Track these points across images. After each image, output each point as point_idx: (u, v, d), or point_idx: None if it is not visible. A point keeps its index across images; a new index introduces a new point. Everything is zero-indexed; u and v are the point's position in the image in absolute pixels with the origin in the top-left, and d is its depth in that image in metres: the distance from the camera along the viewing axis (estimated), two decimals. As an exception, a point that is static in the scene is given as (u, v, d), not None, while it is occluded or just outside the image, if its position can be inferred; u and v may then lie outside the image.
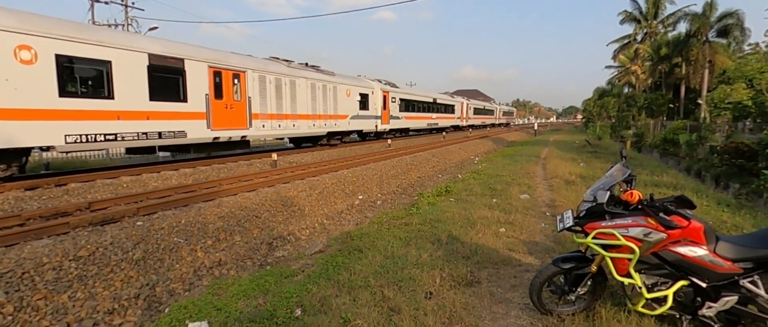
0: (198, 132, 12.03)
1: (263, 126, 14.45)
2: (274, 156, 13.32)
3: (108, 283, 4.91)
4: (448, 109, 36.77)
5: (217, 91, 12.58)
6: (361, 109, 21.16)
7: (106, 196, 8.24)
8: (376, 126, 23.10)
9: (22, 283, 4.37)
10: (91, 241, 5.42)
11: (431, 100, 32.21)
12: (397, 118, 25.90)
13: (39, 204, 7.62)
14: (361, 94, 21.13)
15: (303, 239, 7.50)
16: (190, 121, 11.77)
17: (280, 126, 15.23)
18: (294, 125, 16.14)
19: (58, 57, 8.74)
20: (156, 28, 25.19)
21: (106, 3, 23.89)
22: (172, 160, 14.17)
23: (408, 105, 27.78)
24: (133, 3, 24.77)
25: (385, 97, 23.85)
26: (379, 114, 23.24)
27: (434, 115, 32.88)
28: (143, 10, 50.12)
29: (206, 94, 12.21)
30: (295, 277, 5.08)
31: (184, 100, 11.57)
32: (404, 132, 29.09)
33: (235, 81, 13.19)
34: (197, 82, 11.91)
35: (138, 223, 6.41)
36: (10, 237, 5.52)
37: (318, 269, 5.16)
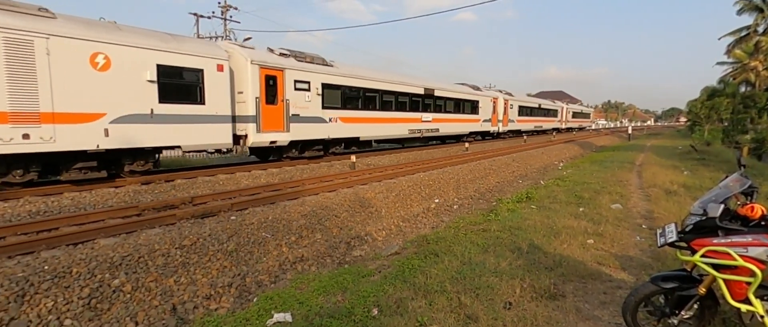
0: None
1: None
2: (353, 158, 13.74)
3: (206, 270, 5.42)
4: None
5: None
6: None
7: (206, 192, 9.10)
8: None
9: (139, 266, 5.00)
10: (193, 232, 6.03)
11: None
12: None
13: (152, 197, 8.65)
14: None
15: (380, 240, 7.63)
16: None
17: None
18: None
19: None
20: (249, 38, 27.35)
21: (209, 18, 26.48)
22: (259, 161, 15.25)
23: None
24: (231, 17, 27.18)
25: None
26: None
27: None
28: (239, 22, 54.75)
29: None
30: (371, 277, 5.19)
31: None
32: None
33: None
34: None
35: (232, 218, 7.00)
36: (130, 225, 6.34)
37: (394, 271, 5.21)
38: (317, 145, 14.52)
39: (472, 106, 24.98)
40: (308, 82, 13.46)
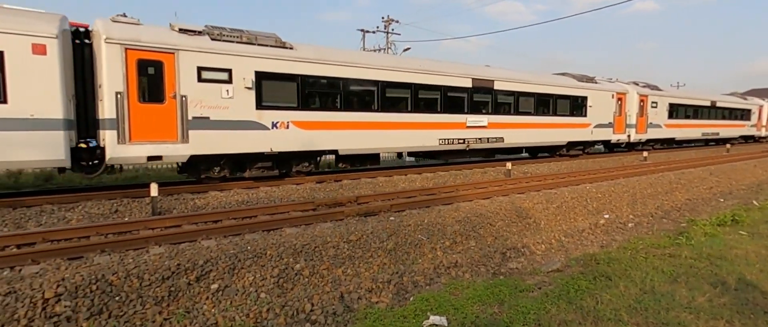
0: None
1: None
2: (509, 165, 13.20)
3: (368, 265, 5.88)
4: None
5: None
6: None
7: (368, 193, 9.89)
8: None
9: (315, 254, 5.71)
10: (358, 229, 6.60)
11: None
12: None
13: (324, 195, 9.80)
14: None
15: (538, 254, 7.14)
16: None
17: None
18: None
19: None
20: (408, 49, 28.80)
21: (373, 32, 28.83)
22: (416, 165, 15.86)
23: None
24: (392, 30, 29.07)
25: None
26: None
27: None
28: (399, 34, 58.18)
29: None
30: (530, 292, 4.89)
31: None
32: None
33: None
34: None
35: (391, 218, 7.44)
36: (307, 218, 7.30)
37: (556, 289, 4.81)
38: (255, 161, 10.22)
39: (574, 105, 17.22)
40: (228, 71, 9.34)
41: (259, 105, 9.87)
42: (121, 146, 8.29)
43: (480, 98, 14.27)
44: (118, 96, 8.18)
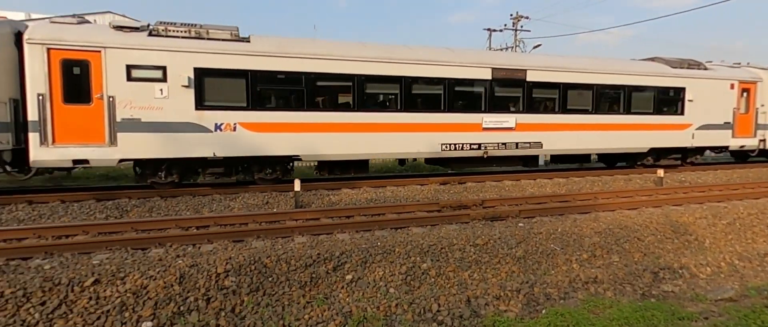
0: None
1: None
2: (660, 172, 11.48)
3: (496, 271, 5.69)
4: None
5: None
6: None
7: (494, 197, 9.58)
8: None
9: (441, 255, 5.74)
10: (484, 233, 6.45)
11: None
12: None
13: (448, 196, 9.79)
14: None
15: (701, 278, 6.07)
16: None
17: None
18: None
19: None
20: (539, 45, 27.10)
21: (501, 31, 27.86)
22: (546, 169, 14.83)
23: None
24: (521, 27, 27.71)
25: None
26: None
27: None
28: (529, 31, 55.14)
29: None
30: (693, 321, 4.19)
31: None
32: None
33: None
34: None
35: (519, 225, 7.09)
36: (432, 219, 7.38)
37: (730, 322, 4.03)
38: (206, 166, 9.53)
39: (662, 99, 13.12)
40: (162, 68, 8.69)
41: (200, 105, 8.99)
42: (44, 149, 8.13)
43: (505, 93, 11.45)
44: (40, 97, 8.06)
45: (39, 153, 8.12)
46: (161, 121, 8.74)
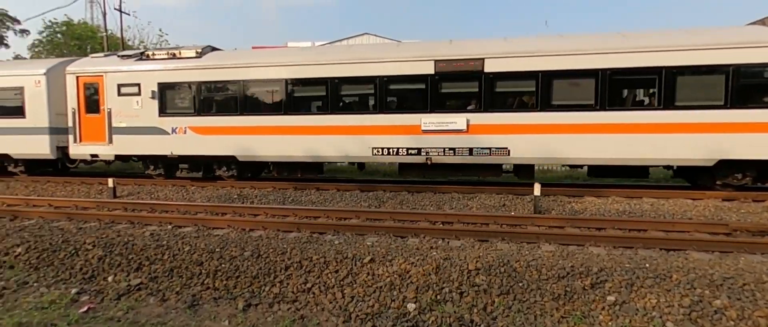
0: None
1: None
2: None
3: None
4: None
5: None
6: None
7: (821, 223, 6.90)
8: None
9: (743, 293, 4.44)
10: (815, 273, 4.67)
11: None
12: None
13: (737, 216, 7.60)
14: None
15: None
16: None
17: None
18: None
19: None
20: None
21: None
22: None
23: None
24: None
25: None
26: None
27: None
28: None
29: None
30: None
31: None
32: None
33: None
34: None
35: None
36: (720, 244, 5.82)
37: None
38: (179, 162, 11.46)
39: (744, 84, 8.34)
40: (138, 85, 11.27)
41: (161, 112, 11.19)
42: (76, 145, 11.74)
43: (454, 89, 9.93)
44: (74, 110, 11.67)
45: (74, 148, 11.82)
46: (137, 126, 11.38)
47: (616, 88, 9.17)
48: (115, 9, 25.11)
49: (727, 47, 8.43)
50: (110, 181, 10.34)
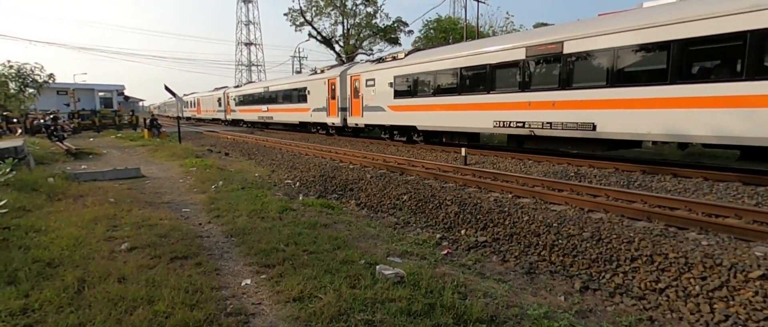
0: None
1: None
2: None
3: None
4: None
5: None
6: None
7: None
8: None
9: None
10: None
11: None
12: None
13: None
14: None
15: None
16: None
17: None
18: None
19: None
20: None
21: None
22: None
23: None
24: None
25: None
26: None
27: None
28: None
29: None
30: None
31: None
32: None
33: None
34: None
35: None
36: None
37: None
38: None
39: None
40: (374, 79, 18.17)
41: (395, 96, 16.64)
42: (349, 118, 19.49)
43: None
44: (347, 96, 19.55)
45: (349, 119, 19.53)
46: (371, 106, 18.01)
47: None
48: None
49: None
50: (463, 151, 12.14)
